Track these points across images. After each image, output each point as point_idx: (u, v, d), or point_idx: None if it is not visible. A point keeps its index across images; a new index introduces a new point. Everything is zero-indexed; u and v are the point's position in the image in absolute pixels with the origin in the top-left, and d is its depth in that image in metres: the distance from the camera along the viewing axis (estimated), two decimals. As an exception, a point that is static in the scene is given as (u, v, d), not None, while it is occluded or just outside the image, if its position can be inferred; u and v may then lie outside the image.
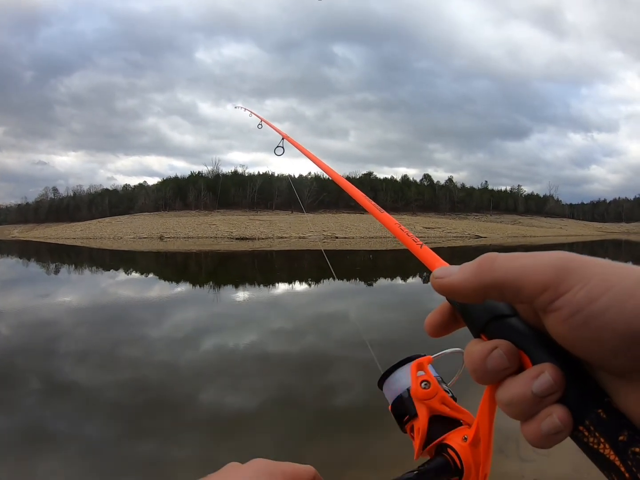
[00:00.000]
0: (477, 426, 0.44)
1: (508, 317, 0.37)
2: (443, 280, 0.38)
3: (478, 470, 0.45)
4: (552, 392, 0.33)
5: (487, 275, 0.35)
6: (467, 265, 0.37)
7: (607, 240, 52.08)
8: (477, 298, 0.36)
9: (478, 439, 0.45)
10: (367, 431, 3.89)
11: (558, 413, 0.33)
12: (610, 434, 0.31)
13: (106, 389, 5.02)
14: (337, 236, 45.95)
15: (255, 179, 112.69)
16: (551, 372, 0.33)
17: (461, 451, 0.47)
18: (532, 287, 0.33)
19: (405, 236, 0.53)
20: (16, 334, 7.76)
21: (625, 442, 0.30)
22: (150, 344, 7.00)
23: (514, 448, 3.30)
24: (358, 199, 0.69)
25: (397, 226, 0.56)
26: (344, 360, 6.04)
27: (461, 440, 0.48)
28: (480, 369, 0.36)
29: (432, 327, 0.42)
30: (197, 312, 9.71)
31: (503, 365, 0.35)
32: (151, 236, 48.15)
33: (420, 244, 0.49)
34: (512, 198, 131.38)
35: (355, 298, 11.53)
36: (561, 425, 0.32)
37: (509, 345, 0.36)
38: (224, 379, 5.44)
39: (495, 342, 0.36)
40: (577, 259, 0.33)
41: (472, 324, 0.39)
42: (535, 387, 0.33)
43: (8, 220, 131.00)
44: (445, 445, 0.48)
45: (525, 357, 0.35)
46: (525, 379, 0.34)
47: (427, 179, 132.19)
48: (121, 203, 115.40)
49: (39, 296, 11.82)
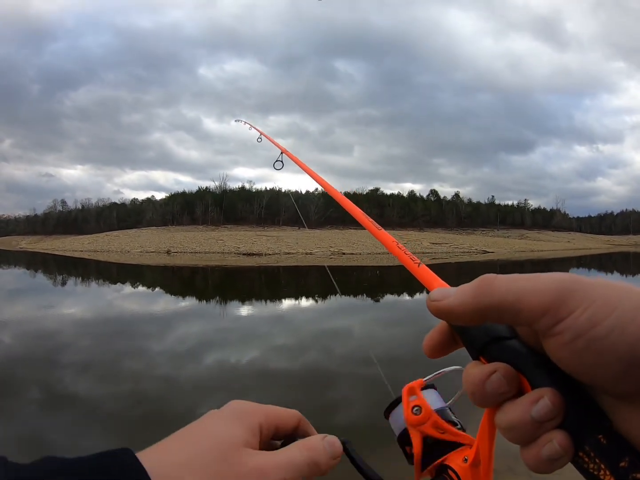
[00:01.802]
0: (477, 447, 0.43)
1: (507, 340, 0.37)
2: (440, 303, 0.37)
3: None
4: (551, 418, 0.32)
5: (486, 298, 0.34)
6: (465, 287, 0.36)
7: (615, 253, 51.68)
8: (475, 321, 0.36)
9: (478, 460, 0.44)
10: (374, 453, 3.82)
11: (558, 439, 0.32)
12: (611, 460, 0.30)
13: (106, 401, 4.98)
14: (344, 252, 45.88)
15: (262, 195, 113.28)
16: (551, 397, 0.32)
17: (461, 472, 0.46)
18: (531, 311, 0.32)
19: (403, 254, 0.52)
20: (20, 344, 7.74)
21: (626, 468, 0.30)
22: (154, 357, 6.96)
23: (523, 467, 3.22)
24: (356, 215, 0.68)
25: (395, 244, 0.55)
26: (348, 377, 5.97)
27: (461, 461, 0.47)
28: (478, 393, 0.35)
29: (430, 348, 0.41)
30: (202, 327, 9.68)
31: (502, 389, 0.35)
32: (158, 250, 48.27)
33: (418, 262, 0.48)
34: (519, 212, 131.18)
35: (360, 314, 11.46)
36: (562, 451, 0.32)
37: (508, 369, 0.35)
38: (224, 393, 5.38)
39: (494, 366, 0.35)
40: (578, 280, 0.32)
41: (470, 345, 0.39)
42: (535, 412, 0.32)
43: (17, 231, 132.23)
44: (445, 466, 0.48)
45: (524, 380, 0.35)
46: (524, 403, 0.33)
47: (434, 194, 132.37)
48: (129, 217, 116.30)
49: (44, 307, 11.83)
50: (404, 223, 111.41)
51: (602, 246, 76.59)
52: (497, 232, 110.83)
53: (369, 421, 4.41)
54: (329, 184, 0.89)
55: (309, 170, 1.04)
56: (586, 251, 57.03)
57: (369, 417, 4.51)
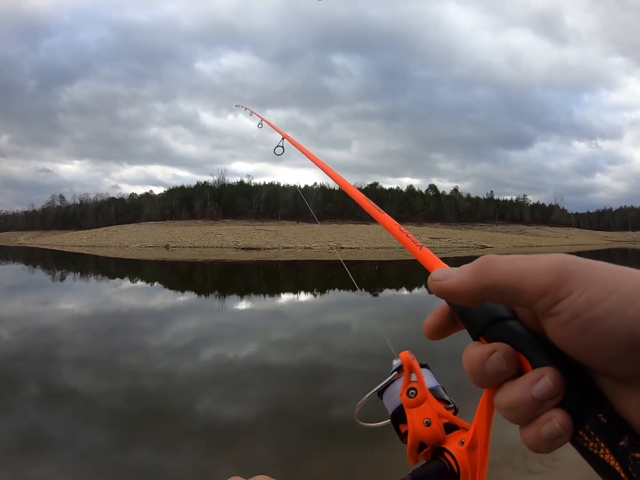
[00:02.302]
0: (475, 430, 0.43)
1: (508, 320, 0.37)
2: (441, 283, 0.37)
3: (475, 474, 0.45)
4: (552, 397, 0.32)
5: (486, 278, 0.34)
6: (466, 268, 0.36)
7: (614, 249, 51.75)
8: (475, 301, 0.36)
9: (475, 443, 0.44)
10: (369, 442, 3.82)
11: (558, 418, 0.32)
12: (611, 438, 0.31)
13: (104, 396, 4.98)
14: (343, 246, 45.86)
15: (261, 189, 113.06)
16: (551, 376, 0.33)
17: (458, 455, 0.46)
18: (531, 291, 0.32)
19: (405, 237, 0.52)
20: (18, 340, 7.74)
21: (625, 447, 0.30)
22: (152, 352, 6.96)
23: (521, 460, 3.23)
24: (358, 200, 0.68)
25: (397, 227, 0.55)
26: (346, 370, 5.97)
27: (458, 444, 0.47)
28: (478, 373, 0.35)
29: (430, 330, 0.41)
30: (200, 322, 9.68)
31: (502, 369, 0.35)
32: (157, 245, 48.22)
33: (420, 245, 0.49)
34: (517, 208, 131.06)
35: (364, 307, 11.47)
36: (561, 430, 0.32)
37: (508, 349, 0.35)
38: (222, 388, 5.39)
39: (494, 346, 0.35)
40: (578, 262, 0.32)
41: (471, 326, 0.39)
42: (535, 391, 0.33)
43: (15, 226, 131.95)
44: (441, 449, 0.48)
45: (524, 360, 0.35)
46: (524, 383, 0.34)
47: (433, 189, 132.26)
48: (127, 212, 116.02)
49: (42, 303, 11.82)
50: (402, 218, 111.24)
51: (600, 242, 76.67)
52: (495, 227, 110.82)
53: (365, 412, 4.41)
54: (330, 168, 0.89)
55: (310, 154, 1.03)
56: (584, 247, 57.07)
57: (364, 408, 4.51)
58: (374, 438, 3.80)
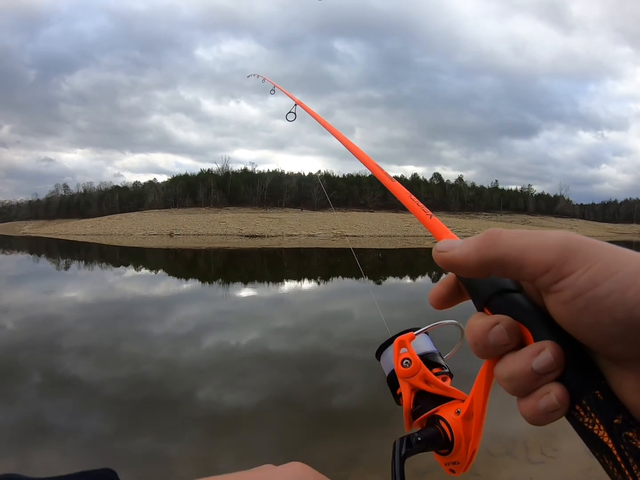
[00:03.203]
0: (472, 400, 0.44)
1: (512, 293, 0.37)
2: (445, 254, 0.37)
3: (468, 444, 0.45)
4: (551, 370, 0.33)
5: (490, 251, 0.34)
6: (471, 240, 0.36)
7: (618, 242, 51.43)
8: (479, 273, 0.36)
9: (471, 413, 0.44)
10: (370, 429, 3.84)
11: (556, 391, 0.33)
12: (606, 415, 0.31)
13: (107, 383, 5.00)
14: (347, 234, 45.82)
15: (265, 177, 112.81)
16: (552, 350, 0.33)
17: (453, 424, 0.46)
18: (534, 266, 0.33)
19: (416, 206, 0.52)
20: (23, 328, 7.78)
21: (619, 425, 0.31)
22: (155, 340, 6.98)
23: (522, 451, 3.24)
24: (370, 167, 0.68)
25: (408, 195, 0.55)
26: (349, 358, 5.98)
27: (454, 413, 0.47)
28: (481, 343, 0.36)
29: (436, 300, 0.42)
30: (203, 309, 9.71)
31: (504, 341, 0.35)
32: (161, 233, 48.35)
33: (430, 214, 0.49)
34: (522, 198, 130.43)
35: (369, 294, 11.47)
36: (558, 404, 0.32)
37: (511, 321, 0.35)
38: (224, 375, 5.41)
39: (497, 317, 0.36)
40: (583, 240, 0.32)
41: (476, 297, 0.39)
42: (536, 364, 0.33)
43: (19, 216, 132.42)
44: (437, 417, 0.48)
45: (527, 333, 0.35)
46: (525, 355, 0.34)
47: (437, 177, 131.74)
48: (131, 200, 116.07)
49: (47, 292, 11.89)
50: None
51: (605, 234, 76.38)
52: (500, 217, 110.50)
53: (366, 400, 4.43)
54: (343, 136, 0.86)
55: (322, 120, 1.02)
56: (589, 237, 56.60)
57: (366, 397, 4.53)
58: (375, 425, 3.82)
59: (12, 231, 75.65)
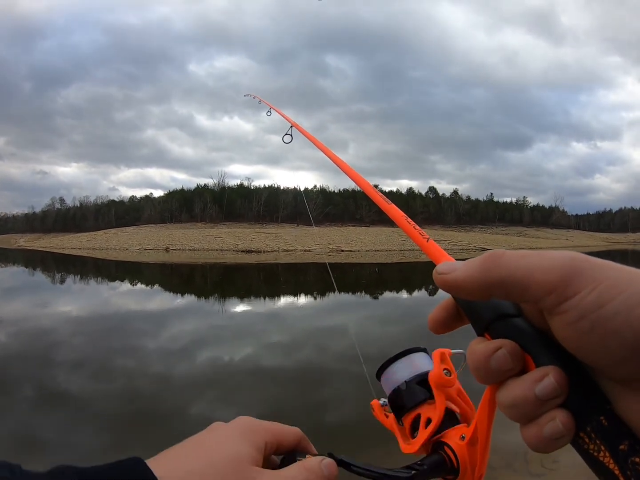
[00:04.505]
0: (476, 425, 0.43)
1: (513, 317, 0.37)
2: (447, 276, 0.37)
3: (474, 470, 0.44)
4: (555, 396, 0.32)
5: (493, 273, 0.34)
6: (473, 262, 0.36)
7: (614, 251, 51.79)
8: (481, 296, 0.35)
9: (476, 439, 0.44)
10: (370, 443, 3.82)
11: (561, 418, 0.32)
12: (611, 442, 0.31)
13: (98, 398, 4.98)
14: (343, 249, 45.88)
15: (261, 192, 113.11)
16: (555, 376, 0.32)
17: (458, 450, 0.45)
18: (538, 288, 0.32)
19: (412, 229, 0.52)
20: (16, 342, 7.74)
21: (625, 451, 0.30)
22: (149, 355, 6.96)
23: (522, 463, 3.23)
24: (366, 190, 0.69)
25: (404, 219, 0.55)
26: (340, 374, 5.97)
27: (459, 439, 0.46)
28: (483, 368, 0.35)
29: (434, 324, 0.41)
30: (199, 325, 9.68)
31: (507, 366, 0.34)
32: (157, 248, 48.24)
33: (427, 237, 0.49)
34: (517, 210, 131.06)
35: (355, 312, 11.47)
36: (564, 431, 0.32)
37: (514, 346, 0.35)
38: (215, 390, 5.39)
39: (499, 342, 0.35)
40: (587, 260, 0.32)
41: (476, 322, 0.39)
42: (539, 390, 0.32)
43: (15, 229, 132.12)
44: (442, 442, 0.47)
45: (529, 358, 0.35)
46: (528, 381, 0.33)
47: (433, 191, 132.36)
48: (127, 214, 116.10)
49: (41, 305, 11.82)
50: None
51: (600, 244, 76.67)
52: (495, 229, 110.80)
53: (358, 416, 4.41)
54: (339, 158, 0.89)
55: (318, 142, 1.03)
56: (585, 249, 57.11)
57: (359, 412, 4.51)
58: (375, 439, 3.80)
59: (8, 244, 75.34)
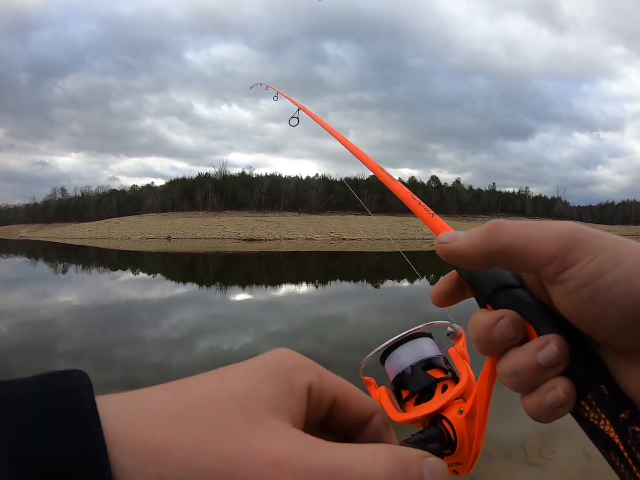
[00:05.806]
0: (475, 399, 0.43)
1: (515, 288, 0.37)
2: (448, 246, 0.37)
3: (471, 443, 0.45)
4: (557, 364, 0.32)
5: (495, 242, 0.34)
6: (474, 231, 0.36)
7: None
8: (483, 264, 0.36)
9: (474, 412, 0.43)
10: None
11: (563, 386, 0.32)
12: (612, 410, 0.31)
13: (97, 387, 4.99)
14: (344, 238, 45.90)
15: (263, 180, 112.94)
16: (557, 343, 0.32)
17: (456, 423, 0.45)
18: (539, 257, 0.32)
19: (417, 205, 0.53)
20: (16, 332, 7.76)
21: (626, 420, 0.30)
22: (150, 343, 6.96)
23: (520, 453, 3.24)
24: (372, 167, 0.69)
25: (410, 195, 0.56)
26: (341, 364, 5.98)
27: (457, 412, 0.46)
28: (485, 339, 0.35)
29: (438, 297, 0.42)
30: (200, 313, 9.69)
31: (509, 335, 0.34)
32: (159, 237, 48.31)
33: (432, 213, 0.49)
34: (519, 200, 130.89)
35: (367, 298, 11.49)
36: (565, 399, 0.32)
37: (516, 315, 0.35)
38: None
39: (501, 312, 0.35)
40: (587, 231, 0.32)
41: (478, 293, 0.39)
42: (541, 358, 0.32)
43: (16, 220, 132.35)
44: (440, 416, 0.47)
45: (530, 328, 0.35)
46: (530, 349, 0.33)
47: (435, 180, 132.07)
48: (129, 203, 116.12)
49: (43, 295, 11.87)
50: (404, 209, 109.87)
51: (602, 234, 76.61)
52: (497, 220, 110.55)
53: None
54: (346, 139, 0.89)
55: (325, 124, 1.03)
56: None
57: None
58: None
59: (10, 234, 75.50)
